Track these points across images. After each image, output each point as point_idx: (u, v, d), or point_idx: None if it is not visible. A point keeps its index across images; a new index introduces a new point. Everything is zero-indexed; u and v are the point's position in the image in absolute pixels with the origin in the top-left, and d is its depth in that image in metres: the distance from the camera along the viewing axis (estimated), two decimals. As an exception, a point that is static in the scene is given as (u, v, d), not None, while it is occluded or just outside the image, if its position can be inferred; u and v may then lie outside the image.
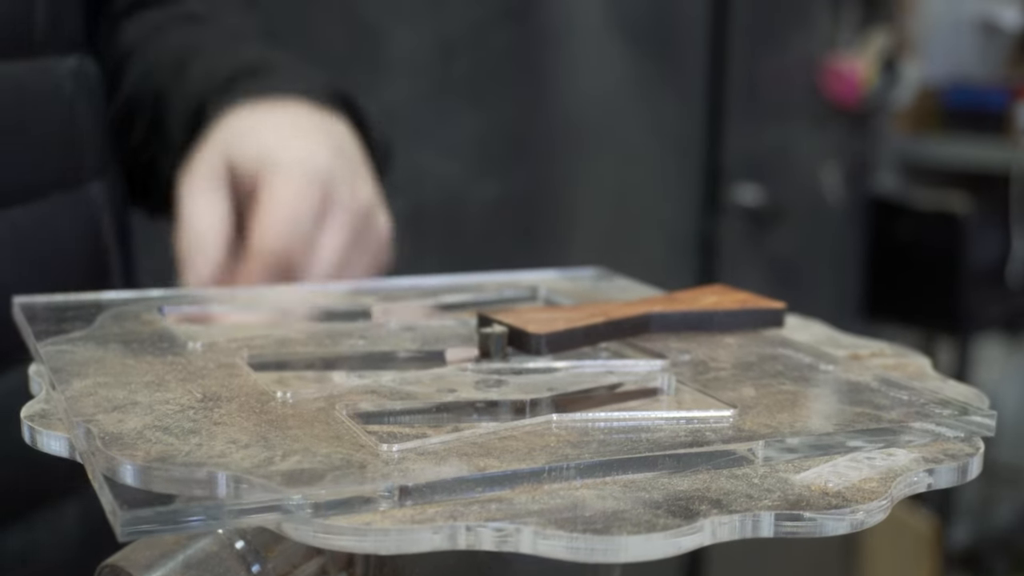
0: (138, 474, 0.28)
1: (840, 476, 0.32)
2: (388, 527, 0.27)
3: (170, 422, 0.31)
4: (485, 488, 0.29)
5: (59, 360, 0.36)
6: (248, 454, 0.29)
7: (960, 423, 0.35)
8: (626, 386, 0.38)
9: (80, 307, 0.44)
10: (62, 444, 0.32)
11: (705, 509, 0.29)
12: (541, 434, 0.32)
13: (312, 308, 0.46)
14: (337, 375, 0.39)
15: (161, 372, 0.36)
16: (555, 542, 0.28)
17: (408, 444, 0.31)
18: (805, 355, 0.41)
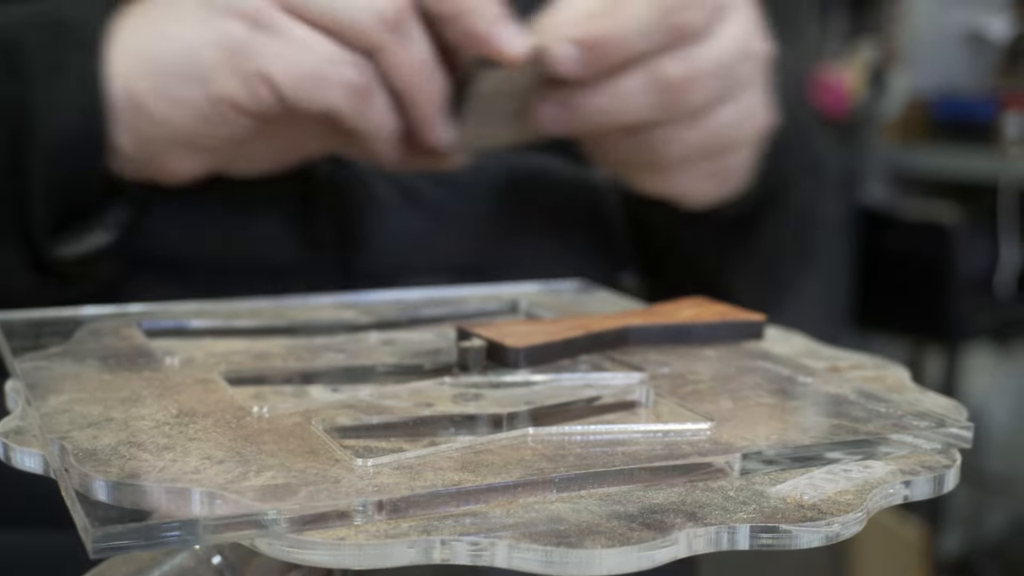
0: (111, 490, 0.28)
1: (816, 488, 0.32)
2: (363, 542, 0.27)
3: (144, 438, 0.31)
4: (460, 502, 0.29)
5: (35, 376, 0.36)
6: (222, 469, 0.29)
7: (937, 435, 0.35)
8: (604, 399, 0.38)
9: (58, 323, 0.43)
10: (36, 461, 0.32)
11: (680, 522, 0.29)
12: (517, 448, 0.32)
13: (291, 321, 0.46)
14: (315, 389, 0.38)
15: (137, 388, 0.36)
16: (529, 555, 0.28)
17: (383, 459, 0.31)
18: (784, 367, 0.41)
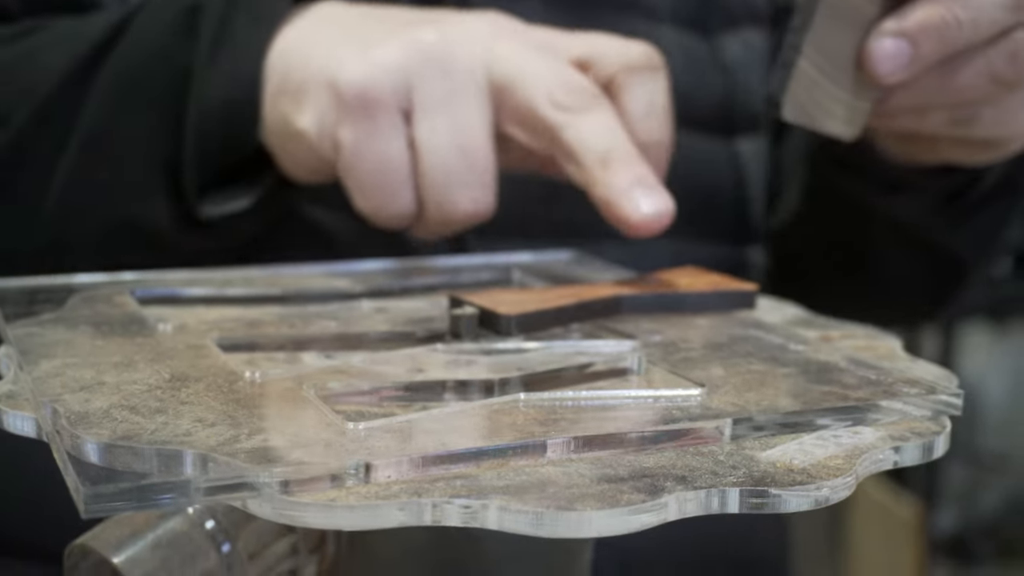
0: (102, 452, 0.28)
1: (806, 453, 0.32)
2: (354, 503, 0.28)
3: (137, 401, 0.31)
4: (451, 465, 0.29)
5: (28, 342, 0.36)
6: (214, 432, 0.29)
7: (927, 402, 0.35)
8: (596, 366, 0.38)
9: (51, 290, 0.43)
10: (29, 424, 0.32)
11: (670, 485, 0.29)
12: (508, 412, 0.33)
13: (284, 289, 0.46)
14: (307, 356, 0.39)
15: (130, 353, 0.36)
16: (520, 517, 0.28)
17: (375, 422, 0.31)
18: (775, 336, 0.41)
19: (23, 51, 0.53)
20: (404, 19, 0.49)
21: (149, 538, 0.35)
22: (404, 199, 0.47)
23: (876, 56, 0.46)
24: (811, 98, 0.46)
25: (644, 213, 0.44)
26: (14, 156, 0.52)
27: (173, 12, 0.50)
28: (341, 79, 0.45)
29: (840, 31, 0.45)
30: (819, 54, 0.45)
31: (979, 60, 0.46)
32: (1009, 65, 0.46)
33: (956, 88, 0.47)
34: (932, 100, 0.48)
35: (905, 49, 0.45)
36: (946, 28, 0.45)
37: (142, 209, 0.51)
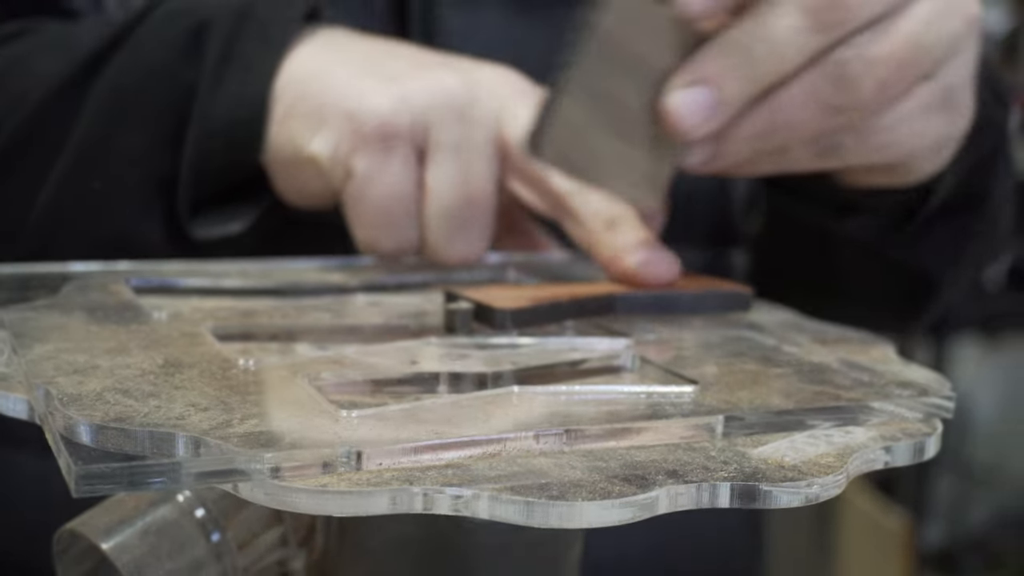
0: (95, 433, 0.28)
1: (797, 451, 0.32)
2: (345, 490, 0.28)
3: (130, 385, 0.31)
4: (443, 454, 0.29)
5: (22, 326, 0.36)
6: (207, 416, 0.29)
7: (919, 404, 0.35)
8: (590, 363, 0.38)
9: (45, 276, 0.43)
10: (22, 406, 0.32)
11: (661, 479, 0.29)
12: (501, 404, 0.33)
13: (279, 282, 0.46)
14: (301, 346, 0.39)
15: (124, 339, 0.36)
16: (511, 507, 0.28)
17: (367, 411, 0.31)
18: (769, 337, 0.41)
19: (13, 56, 0.53)
20: (418, 57, 0.49)
21: (138, 525, 0.35)
22: (404, 235, 0.47)
23: (674, 111, 0.40)
24: (580, 147, 0.40)
25: (651, 270, 0.44)
26: (2, 165, 0.51)
27: (177, 27, 0.50)
28: (363, 108, 0.46)
29: (622, 80, 0.40)
30: (595, 102, 0.40)
31: (801, 90, 0.41)
32: (836, 90, 0.40)
33: (787, 124, 0.41)
34: (767, 143, 0.42)
35: (706, 96, 0.40)
36: (748, 65, 0.40)
37: (133, 225, 0.51)
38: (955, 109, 0.44)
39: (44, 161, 0.50)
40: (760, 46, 0.39)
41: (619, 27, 0.38)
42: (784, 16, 0.39)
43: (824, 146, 0.43)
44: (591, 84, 0.39)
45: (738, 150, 0.42)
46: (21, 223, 0.51)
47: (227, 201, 0.50)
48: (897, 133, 0.43)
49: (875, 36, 0.40)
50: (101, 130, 0.49)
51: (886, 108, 0.42)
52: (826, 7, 0.39)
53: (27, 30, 0.54)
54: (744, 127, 0.41)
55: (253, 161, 0.49)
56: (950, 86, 0.43)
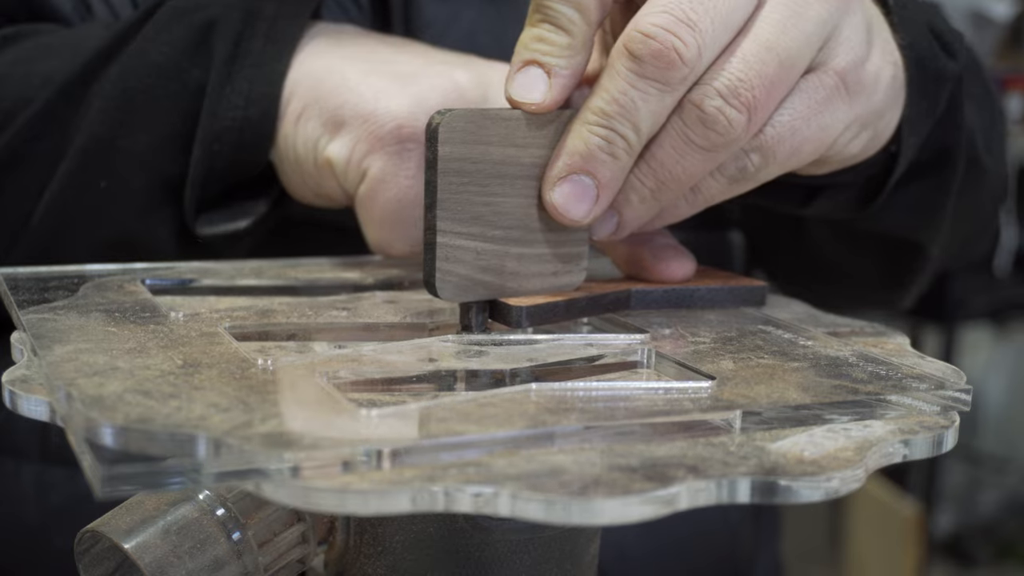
0: (117, 435, 0.28)
1: (816, 445, 0.32)
2: (367, 489, 0.28)
3: (150, 386, 0.31)
4: (463, 452, 0.29)
5: (41, 327, 0.36)
6: (228, 417, 0.29)
7: (936, 397, 0.35)
8: (606, 358, 0.38)
9: (63, 277, 0.44)
10: (42, 408, 0.32)
11: (682, 475, 0.29)
12: (520, 402, 0.33)
13: (295, 280, 0.46)
14: (318, 345, 0.39)
15: (143, 340, 0.36)
16: (532, 505, 0.28)
17: (387, 409, 0.31)
18: (785, 331, 0.41)
19: (17, 58, 0.53)
20: (428, 54, 0.49)
21: (160, 524, 0.35)
22: (416, 237, 0.47)
23: (559, 206, 0.39)
24: (482, 270, 0.39)
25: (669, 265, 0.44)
26: (6, 164, 0.51)
27: (184, 26, 0.50)
28: (380, 111, 0.45)
29: (495, 191, 0.39)
30: (473, 225, 0.39)
31: (670, 142, 0.40)
32: (705, 130, 0.39)
33: (673, 177, 0.40)
34: (665, 196, 0.41)
35: (584, 184, 0.39)
36: (610, 142, 0.39)
37: (139, 224, 0.51)
38: (858, 88, 0.43)
39: (50, 161, 0.50)
40: (615, 122, 0.39)
41: (465, 149, 0.38)
42: (621, 85, 0.38)
43: (730, 176, 0.42)
44: (461, 212, 0.39)
45: (640, 213, 0.42)
46: (26, 222, 0.51)
47: (232, 198, 0.50)
48: (800, 136, 0.41)
49: (723, 65, 0.39)
50: (107, 129, 0.49)
51: (775, 119, 0.41)
52: (653, 63, 0.38)
53: (25, 32, 0.54)
54: (634, 193, 0.41)
55: (262, 160, 0.49)
56: (841, 70, 0.42)
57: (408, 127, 0.45)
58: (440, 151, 0.37)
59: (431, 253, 0.38)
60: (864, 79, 0.43)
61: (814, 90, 0.41)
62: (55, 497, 0.57)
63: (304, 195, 0.50)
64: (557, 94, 0.39)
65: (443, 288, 0.38)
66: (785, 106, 0.41)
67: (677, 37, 0.37)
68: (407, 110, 0.45)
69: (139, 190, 0.50)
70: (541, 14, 0.40)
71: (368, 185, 0.46)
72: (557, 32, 0.39)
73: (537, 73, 0.39)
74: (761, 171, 0.42)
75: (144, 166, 0.50)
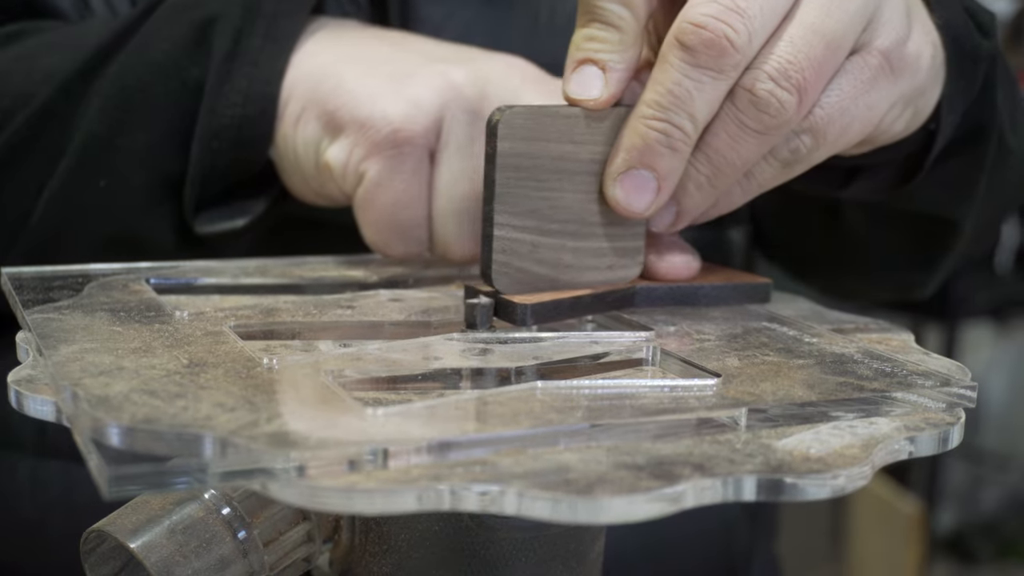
0: (124, 435, 0.28)
1: (822, 443, 0.32)
2: (373, 488, 0.28)
3: (156, 386, 0.31)
4: (469, 451, 0.29)
5: (46, 327, 0.36)
6: (234, 417, 0.29)
7: (941, 394, 0.35)
8: (611, 356, 0.38)
9: (67, 277, 0.44)
10: (48, 408, 0.32)
11: (688, 473, 0.29)
12: (525, 400, 0.33)
13: (299, 279, 0.46)
14: (323, 344, 0.39)
15: (148, 339, 0.36)
16: (539, 503, 0.28)
17: (393, 408, 0.31)
18: (790, 328, 0.41)
19: (17, 55, 0.52)
20: (427, 51, 0.49)
21: (165, 524, 0.35)
22: (415, 237, 0.47)
23: (621, 200, 0.40)
24: (537, 264, 0.40)
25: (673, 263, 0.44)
26: (5, 161, 0.51)
27: (183, 23, 0.50)
28: (376, 115, 0.45)
29: (553, 186, 0.40)
30: (531, 219, 0.40)
31: (724, 128, 0.41)
32: (757, 114, 0.40)
33: (728, 163, 0.41)
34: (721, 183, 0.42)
35: (644, 177, 0.40)
36: (667, 133, 0.40)
37: (138, 222, 0.50)
38: (902, 67, 0.43)
39: (49, 158, 0.50)
40: (671, 113, 0.39)
41: (523, 145, 0.39)
42: (675, 76, 0.39)
43: (782, 159, 0.43)
44: (518, 206, 0.40)
45: (698, 201, 0.42)
46: (25, 220, 0.51)
47: (232, 196, 0.50)
48: (849, 116, 0.42)
49: (772, 49, 0.40)
50: (106, 127, 0.49)
51: (823, 100, 0.42)
52: (706, 52, 0.38)
53: (29, 29, 0.54)
54: (691, 182, 0.42)
55: (261, 158, 0.49)
56: (884, 50, 0.42)
57: (404, 131, 0.45)
58: (499, 147, 0.39)
59: (488, 245, 0.40)
60: (907, 58, 0.44)
61: (860, 70, 0.42)
62: (51, 491, 0.57)
63: (306, 195, 0.50)
64: (614, 89, 0.40)
65: (499, 279, 0.40)
66: (832, 87, 0.42)
67: (727, 25, 0.38)
68: (403, 113, 0.45)
69: (139, 188, 0.50)
70: (590, 14, 0.41)
71: (365, 188, 0.46)
72: (607, 29, 0.41)
73: (592, 71, 0.41)
74: (813, 153, 0.43)
75: (144, 164, 0.50)
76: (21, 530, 0.57)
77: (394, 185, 0.46)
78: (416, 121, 0.45)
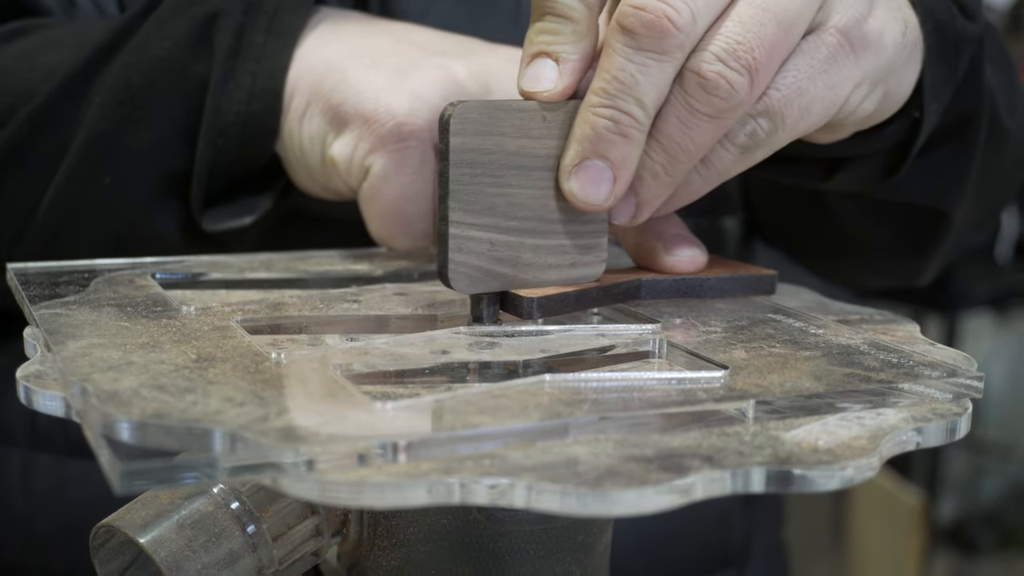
0: (134, 430, 0.28)
1: (830, 434, 0.32)
2: (383, 482, 0.28)
3: (165, 381, 0.31)
4: (479, 444, 0.30)
5: (54, 323, 0.36)
6: (243, 411, 0.29)
7: (948, 384, 0.35)
8: (618, 349, 0.38)
9: (73, 272, 0.44)
10: (58, 403, 0.32)
11: (697, 465, 0.29)
12: (534, 393, 0.33)
13: (305, 273, 0.46)
14: (330, 338, 0.39)
15: (155, 334, 0.36)
16: (549, 496, 0.28)
17: (402, 402, 0.31)
18: (795, 319, 0.41)
19: (19, 53, 0.52)
20: (429, 43, 0.49)
21: (175, 519, 0.35)
22: (420, 231, 0.47)
23: (577, 192, 0.39)
24: (497, 262, 0.39)
25: (680, 257, 0.44)
26: (8, 159, 0.51)
27: (185, 20, 0.49)
28: (380, 109, 0.45)
29: (509, 181, 0.39)
30: (488, 216, 0.39)
31: (674, 112, 0.39)
32: (706, 96, 0.39)
33: (682, 148, 0.40)
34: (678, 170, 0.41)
35: (599, 168, 0.39)
36: (617, 121, 0.39)
37: (144, 220, 0.51)
38: (863, 45, 0.42)
39: (53, 156, 0.50)
40: (618, 100, 0.39)
41: (477, 140, 0.38)
42: (618, 62, 0.38)
43: (740, 144, 0.41)
44: (474, 203, 0.39)
45: (656, 191, 0.41)
46: (31, 216, 0.51)
47: (238, 191, 0.50)
48: (808, 96, 0.41)
49: (719, 28, 0.39)
50: (110, 124, 0.49)
51: (779, 81, 0.41)
52: (647, 34, 0.38)
53: (31, 27, 0.54)
54: (645, 171, 0.40)
55: (266, 154, 0.49)
56: (842, 27, 0.41)
57: (408, 124, 0.45)
58: (452, 142, 0.38)
59: (444, 244, 0.38)
60: (868, 36, 0.42)
61: (816, 49, 0.41)
62: (40, 483, 0.57)
63: (312, 189, 0.50)
64: (568, 80, 0.40)
65: (456, 279, 0.38)
66: (788, 68, 0.40)
67: (668, 5, 0.37)
68: (407, 107, 0.45)
69: (144, 185, 0.50)
70: (542, 8, 0.40)
71: (371, 182, 0.46)
72: (559, 21, 0.40)
73: (546, 63, 0.40)
74: (772, 136, 0.42)
75: (149, 161, 0.49)
76: (10, 521, 0.58)
77: (399, 179, 0.46)
78: (420, 115, 0.45)
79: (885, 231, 0.61)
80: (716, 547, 0.67)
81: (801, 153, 0.47)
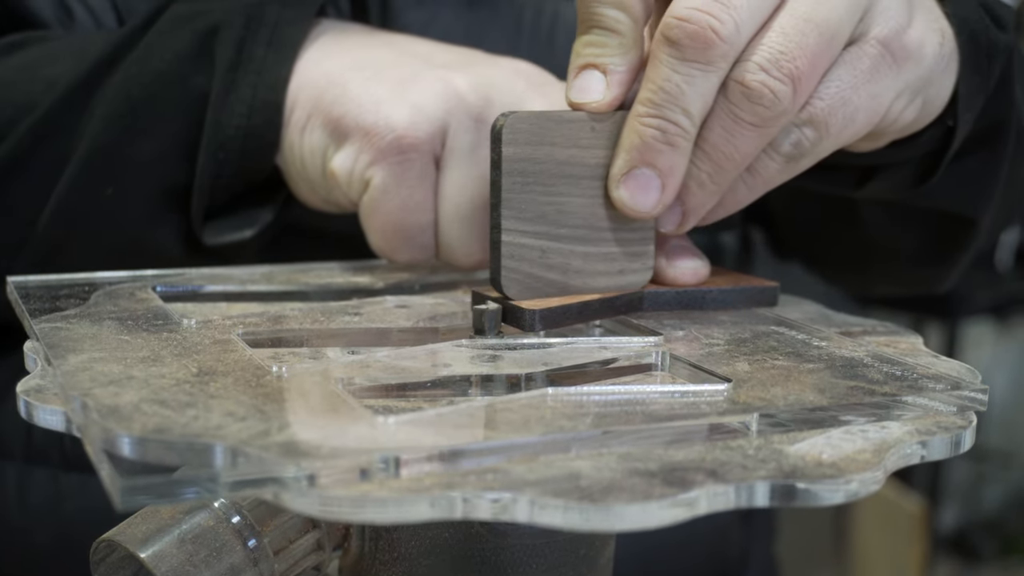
0: (135, 446, 0.28)
1: (834, 447, 0.32)
2: (385, 497, 0.28)
3: (166, 395, 0.31)
4: (481, 459, 0.29)
5: (54, 336, 0.36)
6: (245, 426, 0.29)
7: (952, 397, 0.35)
8: (620, 362, 0.38)
9: (73, 285, 0.44)
10: (58, 418, 0.32)
11: (700, 479, 0.29)
12: (536, 407, 0.33)
13: (306, 286, 0.46)
14: (331, 351, 0.39)
15: (156, 348, 0.36)
16: (552, 511, 0.28)
17: (404, 416, 0.31)
18: (798, 332, 0.41)
19: (21, 64, 0.52)
20: (431, 56, 0.49)
21: (175, 533, 0.35)
22: (421, 243, 0.47)
23: (626, 200, 0.40)
24: (547, 269, 0.40)
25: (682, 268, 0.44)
26: (10, 171, 0.51)
27: (186, 34, 0.49)
28: (380, 123, 0.45)
29: (558, 190, 0.40)
30: (539, 224, 0.40)
31: (719, 122, 0.40)
32: (751, 106, 0.39)
33: (727, 156, 0.41)
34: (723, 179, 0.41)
35: (648, 176, 0.40)
36: (665, 130, 0.39)
37: (145, 232, 0.50)
38: (904, 56, 0.43)
39: (53, 168, 0.50)
40: (664, 109, 0.39)
41: (528, 150, 0.39)
42: (664, 72, 0.39)
43: (785, 153, 0.42)
44: (525, 211, 0.40)
45: (702, 200, 0.42)
46: (31, 229, 0.51)
47: (239, 204, 0.50)
48: (851, 106, 0.42)
49: (763, 39, 0.39)
50: (111, 137, 0.49)
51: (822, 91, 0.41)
52: (692, 45, 0.38)
53: (35, 38, 0.54)
54: (691, 179, 0.41)
55: (267, 167, 0.49)
56: (883, 39, 0.42)
57: (408, 137, 0.45)
58: (504, 152, 0.39)
59: (496, 251, 0.40)
60: (908, 46, 0.43)
61: (858, 60, 0.42)
62: (36, 497, 0.57)
63: (313, 202, 0.50)
64: (616, 91, 0.41)
65: (509, 286, 0.40)
66: (831, 78, 0.41)
67: (711, 16, 0.38)
68: (407, 120, 0.45)
69: (145, 197, 0.50)
70: (588, 21, 0.41)
71: (371, 195, 0.46)
72: (606, 34, 0.41)
73: (594, 74, 0.41)
74: (817, 146, 0.42)
75: (150, 173, 0.49)
76: (6, 535, 0.57)
77: (400, 191, 0.46)
78: (420, 127, 0.45)
79: (912, 237, 0.62)
80: (715, 561, 0.67)
81: (838, 162, 0.48)
